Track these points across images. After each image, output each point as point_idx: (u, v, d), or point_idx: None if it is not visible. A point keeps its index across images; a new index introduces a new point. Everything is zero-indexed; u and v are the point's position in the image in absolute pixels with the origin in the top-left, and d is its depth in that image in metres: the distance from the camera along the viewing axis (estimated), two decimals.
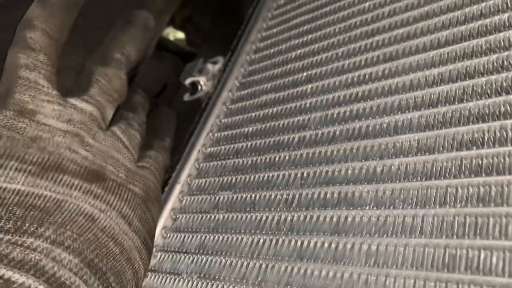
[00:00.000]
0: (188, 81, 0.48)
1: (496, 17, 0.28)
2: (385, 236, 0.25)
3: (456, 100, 0.27)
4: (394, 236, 0.24)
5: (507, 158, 0.23)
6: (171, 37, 0.63)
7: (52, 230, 0.25)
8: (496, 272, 0.20)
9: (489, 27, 0.29)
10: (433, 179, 0.25)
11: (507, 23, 0.28)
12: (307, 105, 0.36)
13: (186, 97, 0.49)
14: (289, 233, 0.29)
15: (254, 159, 0.36)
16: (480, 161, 0.24)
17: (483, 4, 0.30)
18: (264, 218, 0.32)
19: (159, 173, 0.36)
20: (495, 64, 0.27)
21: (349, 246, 0.26)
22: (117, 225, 0.28)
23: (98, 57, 0.33)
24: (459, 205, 0.23)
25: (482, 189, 0.23)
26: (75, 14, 0.32)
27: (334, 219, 0.28)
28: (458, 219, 0.23)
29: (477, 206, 0.22)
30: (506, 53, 0.26)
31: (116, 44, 0.34)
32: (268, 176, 0.34)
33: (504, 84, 0.25)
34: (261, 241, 0.30)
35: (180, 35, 0.65)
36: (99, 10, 0.41)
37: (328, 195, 0.29)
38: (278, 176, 0.33)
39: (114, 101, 0.32)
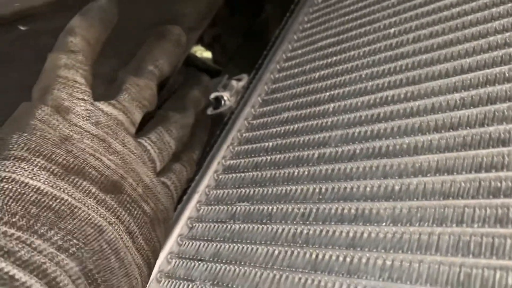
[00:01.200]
0: (212, 95, 0.50)
1: None
2: (400, 251, 0.25)
3: (477, 124, 0.27)
4: (409, 252, 0.24)
5: None
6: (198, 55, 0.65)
7: (60, 236, 0.26)
8: None
9: None
10: (450, 198, 0.25)
11: None
12: (328, 123, 0.36)
13: (209, 111, 0.50)
14: (304, 245, 0.29)
15: (273, 172, 0.37)
16: (499, 184, 0.24)
17: (507, 34, 0.30)
18: (280, 230, 0.32)
19: (178, 191, 0.36)
20: None
21: (364, 260, 0.26)
22: (122, 239, 0.29)
23: (132, 68, 0.35)
24: (476, 225, 0.23)
25: (500, 211, 0.23)
26: (110, 29, 0.34)
27: (350, 234, 0.28)
28: (475, 238, 0.23)
29: (494, 226, 0.23)
30: None
31: (150, 57, 0.35)
32: (286, 190, 0.34)
33: None
34: (276, 252, 0.31)
35: (207, 54, 0.67)
36: (130, 22, 0.43)
37: (345, 211, 0.29)
38: (296, 190, 0.34)
39: (143, 107, 0.33)
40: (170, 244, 0.38)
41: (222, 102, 0.49)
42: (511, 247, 0.22)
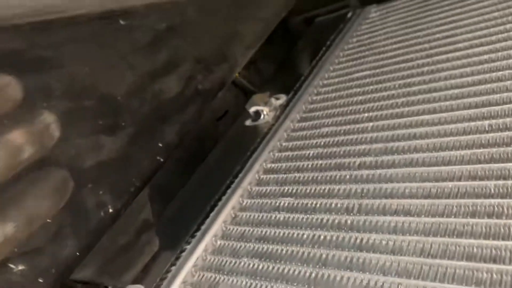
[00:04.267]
0: (253, 109, 0.55)
1: None
2: (438, 236, 0.30)
3: (504, 143, 0.33)
4: (446, 236, 0.30)
5: None
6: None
7: None
8: None
9: None
10: (482, 198, 0.31)
11: None
12: (368, 138, 0.42)
13: (248, 122, 0.56)
14: (349, 231, 0.34)
15: (315, 175, 0.42)
16: None
17: None
18: (325, 220, 0.37)
19: None
20: None
21: (405, 243, 0.31)
22: None
23: None
24: (504, 218, 0.29)
25: None
26: None
27: (392, 224, 0.33)
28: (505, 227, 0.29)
29: None
30: None
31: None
32: (329, 189, 0.39)
33: None
34: (322, 236, 0.35)
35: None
36: (204, 32, 0.49)
37: (387, 206, 0.35)
38: (339, 189, 0.39)
39: None
40: (215, 228, 0.42)
41: (262, 116, 0.55)
42: None
